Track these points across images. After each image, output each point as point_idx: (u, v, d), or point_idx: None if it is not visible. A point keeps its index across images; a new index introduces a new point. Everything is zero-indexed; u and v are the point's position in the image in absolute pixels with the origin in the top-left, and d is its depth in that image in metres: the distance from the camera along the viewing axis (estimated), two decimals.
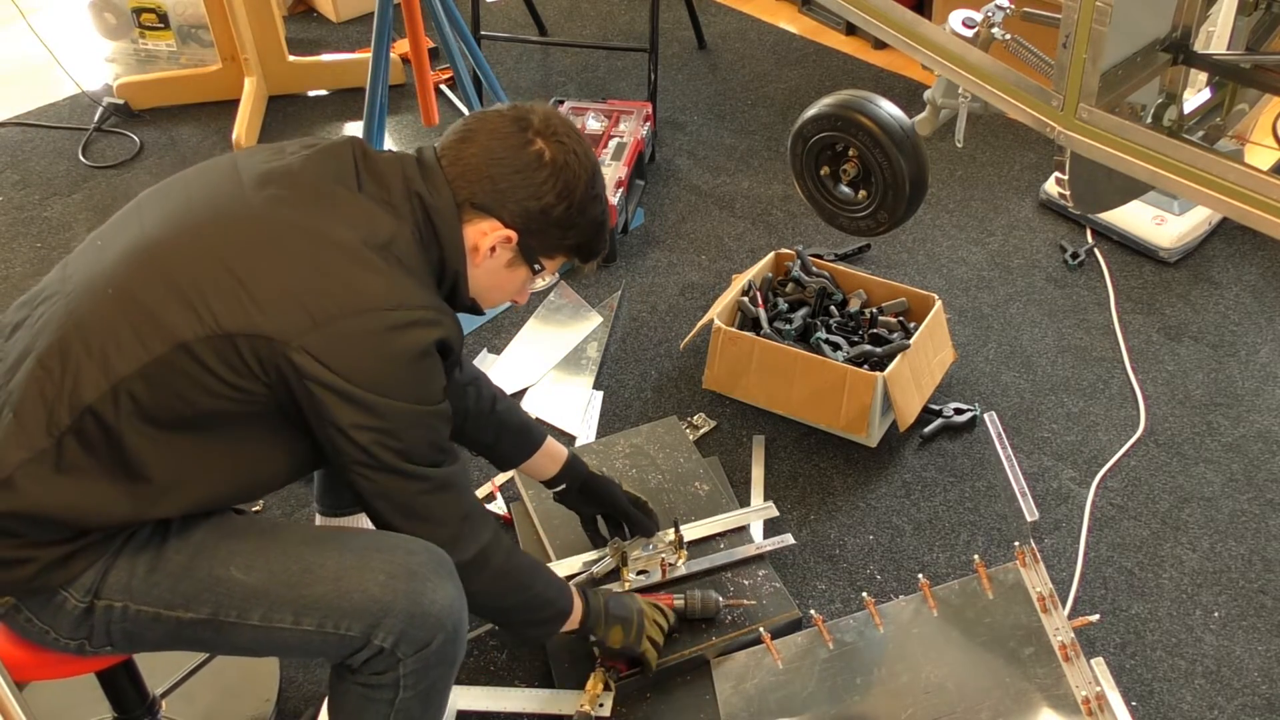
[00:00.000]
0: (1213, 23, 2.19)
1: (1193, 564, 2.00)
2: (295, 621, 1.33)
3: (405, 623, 1.33)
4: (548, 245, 1.47)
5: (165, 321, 1.25)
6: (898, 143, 1.94)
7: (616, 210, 2.65)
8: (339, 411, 1.26)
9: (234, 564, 1.33)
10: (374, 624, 1.33)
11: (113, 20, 3.38)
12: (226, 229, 1.31)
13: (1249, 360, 2.40)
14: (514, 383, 2.40)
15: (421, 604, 1.34)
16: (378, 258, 1.31)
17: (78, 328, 1.27)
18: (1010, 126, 3.09)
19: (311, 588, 1.33)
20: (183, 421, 1.27)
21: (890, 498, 2.14)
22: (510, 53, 3.57)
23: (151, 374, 1.24)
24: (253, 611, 1.33)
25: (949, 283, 2.63)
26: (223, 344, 1.24)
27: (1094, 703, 1.65)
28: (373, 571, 1.34)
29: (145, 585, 1.31)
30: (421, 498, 1.37)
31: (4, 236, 2.84)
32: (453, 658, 1.41)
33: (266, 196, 1.33)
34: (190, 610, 1.32)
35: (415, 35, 2.48)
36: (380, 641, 1.33)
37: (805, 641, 1.82)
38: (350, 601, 1.33)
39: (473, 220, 1.41)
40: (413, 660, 1.35)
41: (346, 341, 1.26)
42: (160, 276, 1.28)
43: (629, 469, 2.10)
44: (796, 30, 3.65)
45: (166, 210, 1.35)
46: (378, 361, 1.28)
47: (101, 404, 1.24)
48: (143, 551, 1.32)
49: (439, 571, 1.37)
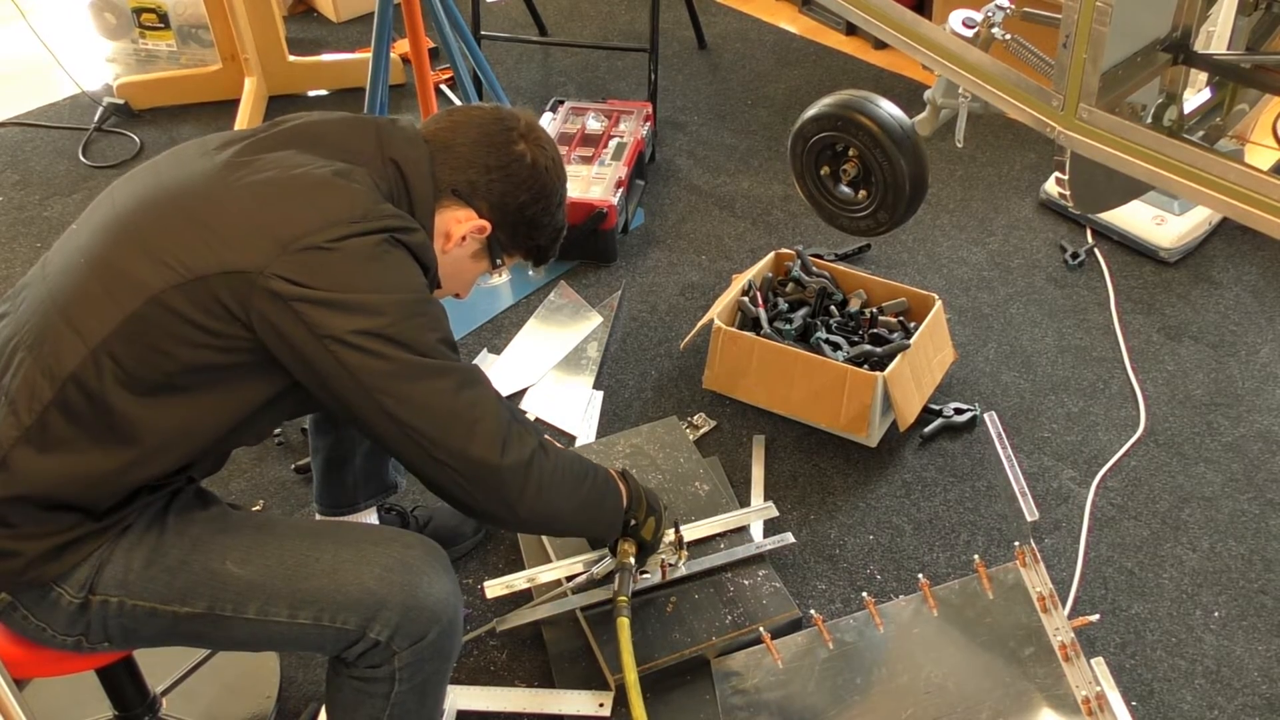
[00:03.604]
0: (1213, 23, 2.19)
1: (1193, 564, 2.00)
2: (291, 615, 1.33)
3: (401, 615, 1.33)
4: (514, 242, 1.51)
5: (136, 277, 1.24)
6: (898, 143, 1.94)
7: (617, 210, 2.65)
8: (332, 322, 1.23)
9: (229, 558, 1.34)
10: (370, 617, 1.33)
11: (113, 20, 3.38)
12: (192, 187, 1.31)
13: (1249, 360, 2.40)
14: (514, 383, 2.40)
15: (417, 597, 1.34)
16: (343, 180, 1.31)
17: (55, 303, 1.28)
18: (1010, 126, 3.09)
19: (307, 581, 1.34)
20: (168, 378, 1.26)
21: (890, 498, 2.14)
22: (510, 53, 3.57)
23: (128, 332, 1.24)
24: (249, 605, 1.33)
25: (949, 283, 2.63)
26: (196, 289, 1.23)
27: (1094, 703, 1.65)
28: (368, 565, 1.34)
29: (141, 580, 1.31)
30: (462, 394, 1.31)
31: (4, 236, 2.84)
32: (448, 651, 1.41)
33: (232, 153, 1.33)
34: (186, 605, 1.33)
35: (415, 35, 2.48)
36: (376, 634, 1.33)
37: (805, 641, 1.82)
38: (346, 595, 1.33)
39: (449, 207, 1.43)
40: (408, 653, 1.36)
41: (317, 256, 1.24)
42: (130, 239, 1.28)
43: (629, 469, 2.10)
44: (796, 30, 3.65)
45: (135, 188, 1.36)
46: (353, 263, 1.26)
47: (83, 370, 1.24)
48: (138, 546, 1.32)
49: (434, 565, 1.38)
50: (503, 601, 1.89)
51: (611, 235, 2.67)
